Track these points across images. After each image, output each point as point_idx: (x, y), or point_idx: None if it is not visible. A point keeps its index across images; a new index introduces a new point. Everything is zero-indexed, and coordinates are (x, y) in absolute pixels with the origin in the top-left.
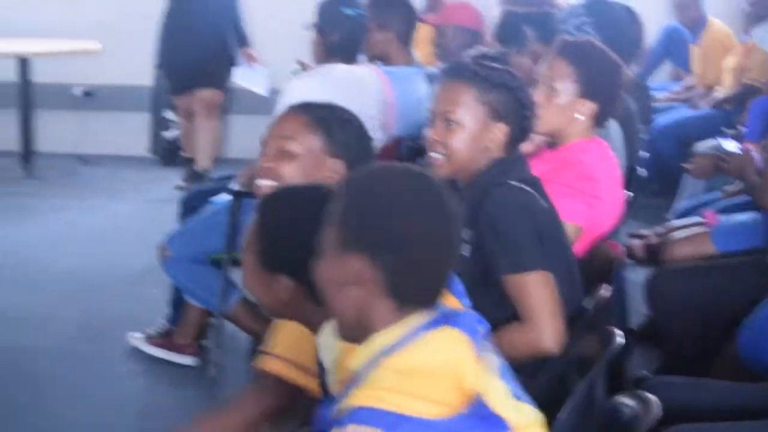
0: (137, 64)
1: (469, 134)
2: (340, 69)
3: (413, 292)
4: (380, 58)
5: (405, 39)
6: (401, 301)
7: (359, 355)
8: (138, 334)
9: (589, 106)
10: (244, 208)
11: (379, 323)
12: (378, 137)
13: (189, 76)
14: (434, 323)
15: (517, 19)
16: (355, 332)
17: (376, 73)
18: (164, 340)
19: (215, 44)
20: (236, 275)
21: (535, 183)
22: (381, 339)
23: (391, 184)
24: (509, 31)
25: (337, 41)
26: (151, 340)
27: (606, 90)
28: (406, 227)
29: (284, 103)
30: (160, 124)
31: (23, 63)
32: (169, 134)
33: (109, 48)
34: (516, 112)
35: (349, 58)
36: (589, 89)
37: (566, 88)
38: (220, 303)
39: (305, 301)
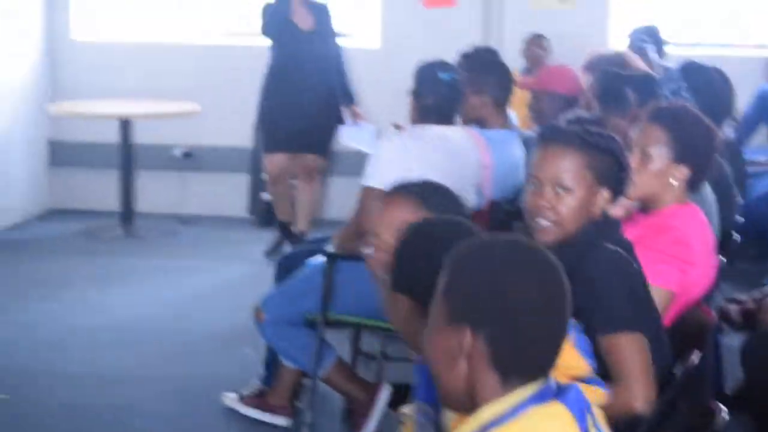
0: (236, 125)
1: (577, 200)
2: (432, 130)
3: (518, 365)
4: (476, 121)
5: (501, 103)
6: (506, 374)
7: (468, 426)
8: (232, 395)
9: (682, 171)
10: (339, 270)
11: (486, 395)
12: (473, 201)
13: (288, 139)
14: (541, 397)
15: (620, 82)
16: (464, 403)
17: (472, 136)
18: (258, 400)
19: (318, 107)
20: (331, 336)
21: (627, 247)
22: (488, 411)
23: (493, 257)
24: (611, 93)
25: (432, 104)
26: (245, 400)
27: (700, 155)
28: (508, 300)
29: (374, 164)
30: (258, 185)
31: (125, 124)
32: (267, 195)
33: (208, 109)
34: (617, 176)
35: (444, 120)
36: (682, 154)
37: (660, 153)
38: (314, 365)
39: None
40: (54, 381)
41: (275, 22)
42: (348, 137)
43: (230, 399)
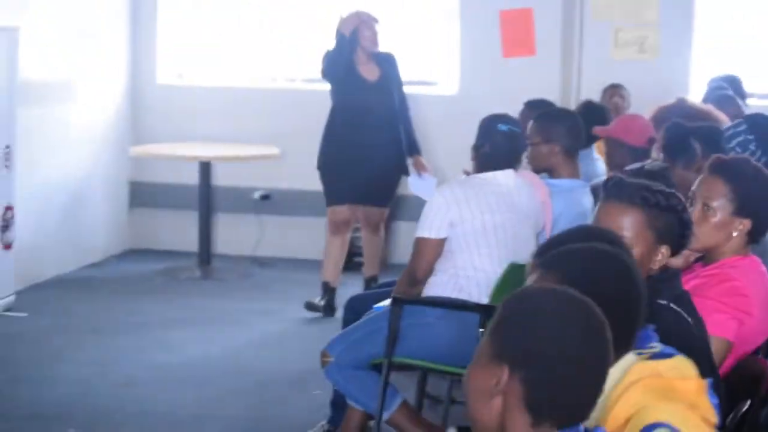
0: (313, 169)
1: (637, 256)
2: (484, 176)
3: (550, 411)
4: (546, 169)
5: (570, 152)
6: (538, 417)
7: None
8: None
9: (744, 224)
10: (404, 314)
11: None
12: (532, 245)
13: (352, 191)
14: None
15: (686, 133)
16: None
17: (528, 179)
18: None
19: (382, 159)
20: (398, 379)
21: (685, 298)
22: None
23: (542, 304)
24: (677, 144)
25: (490, 153)
26: None
27: (761, 207)
28: (548, 347)
29: (425, 214)
30: None
31: (205, 167)
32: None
33: (287, 153)
34: (678, 234)
35: (500, 169)
36: (744, 207)
37: (722, 206)
38: (380, 407)
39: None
40: (126, 419)
41: (337, 69)
42: (414, 187)
43: None
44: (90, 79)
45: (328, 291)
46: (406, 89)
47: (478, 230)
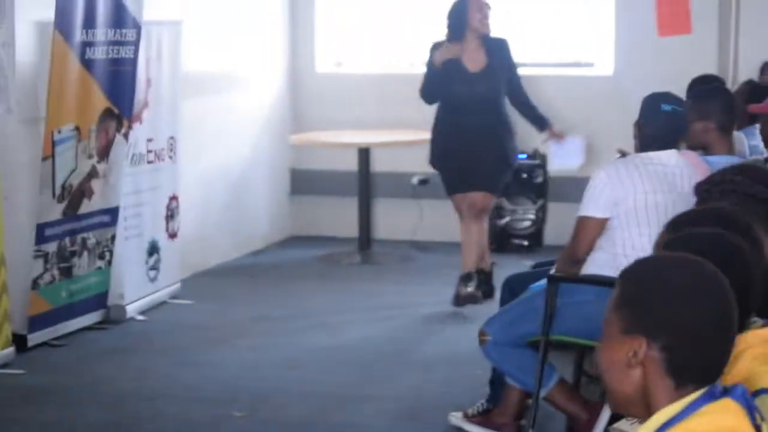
0: None
1: None
2: (647, 156)
3: (692, 373)
4: (701, 147)
5: (725, 129)
6: (681, 380)
7: (645, 429)
8: (458, 413)
9: None
10: (560, 293)
11: (661, 402)
12: None
13: (461, 180)
14: (711, 396)
15: None
16: (638, 409)
17: (690, 159)
18: (484, 418)
19: (485, 146)
20: (555, 357)
21: None
22: (664, 414)
23: (667, 272)
24: None
25: (652, 134)
26: (471, 418)
27: None
28: (681, 312)
29: (588, 193)
30: (494, 211)
31: (363, 153)
32: (502, 221)
33: None
34: None
35: (664, 149)
36: None
37: None
38: (536, 385)
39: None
40: (290, 399)
41: (432, 99)
42: (557, 160)
43: (456, 418)
44: (250, 70)
45: (471, 278)
46: (562, 71)
47: (640, 209)
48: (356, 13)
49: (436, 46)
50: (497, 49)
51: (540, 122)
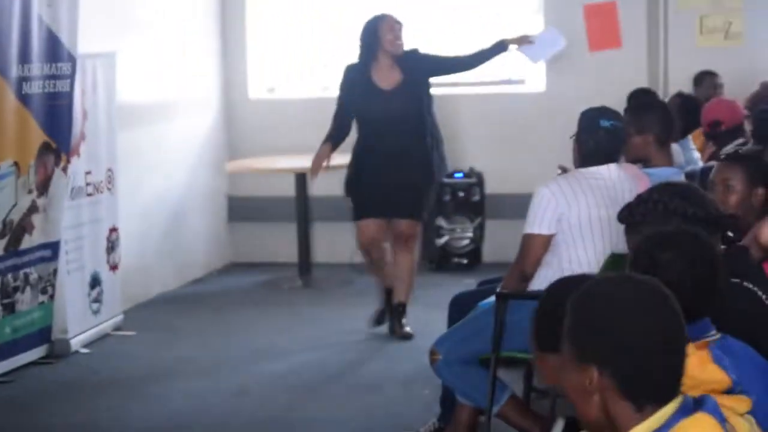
0: None
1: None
2: (588, 171)
3: (647, 393)
4: (640, 160)
5: (663, 141)
6: (638, 402)
7: None
8: None
9: None
10: (509, 310)
11: (625, 424)
12: None
13: (377, 205)
14: (684, 411)
15: None
16: (608, 430)
17: (631, 172)
18: None
19: (408, 169)
20: (504, 374)
21: (758, 273)
22: None
23: (610, 297)
24: (764, 128)
25: (592, 149)
26: None
27: None
28: (624, 337)
29: (533, 211)
30: (432, 231)
31: (300, 178)
32: (441, 241)
33: None
34: None
35: (604, 163)
36: None
37: None
38: (489, 401)
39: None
40: (241, 428)
41: (356, 87)
42: (538, 56)
43: None
44: (184, 99)
45: (388, 293)
46: (494, 89)
47: (584, 224)
48: (287, 39)
49: (349, 69)
50: (411, 62)
51: (497, 50)
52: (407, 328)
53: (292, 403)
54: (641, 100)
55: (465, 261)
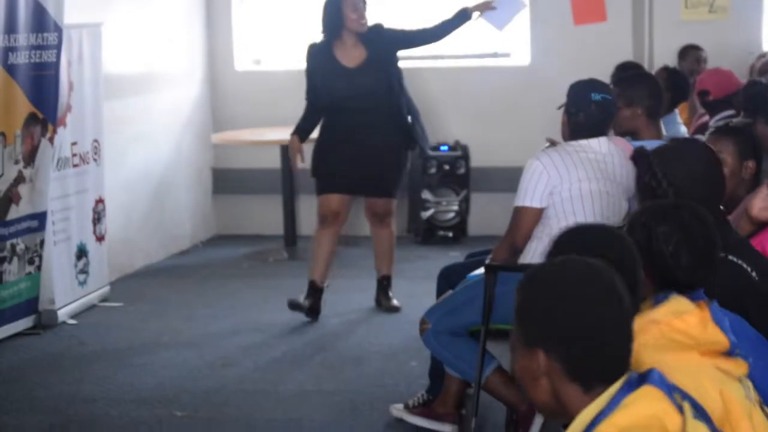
0: None
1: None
2: (579, 144)
3: (595, 374)
4: (629, 133)
5: (652, 114)
6: (586, 383)
7: (573, 429)
8: (399, 405)
9: None
10: (499, 282)
11: (574, 406)
12: (625, 208)
13: (348, 182)
14: (629, 387)
15: (764, 90)
16: (557, 411)
17: (620, 145)
18: (425, 409)
19: (379, 148)
20: (493, 347)
21: (743, 245)
22: (585, 416)
23: (553, 281)
24: (754, 101)
25: (583, 122)
26: (412, 410)
27: None
28: (568, 321)
29: (524, 184)
30: (418, 204)
31: (286, 150)
32: (427, 214)
33: None
34: None
35: (593, 137)
36: None
37: None
38: (478, 374)
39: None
40: (228, 398)
41: (320, 66)
42: (501, 22)
43: (398, 410)
44: (170, 70)
45: (314, 291)
46: (479, 62)
47: (575, 197)
48: (273, 10)
49: (312, 48)
50: (375, 37)
51: (460, 19)
52: (394, 301)
53: (279, 375)
54: (630, 72)
55: (450, 234)
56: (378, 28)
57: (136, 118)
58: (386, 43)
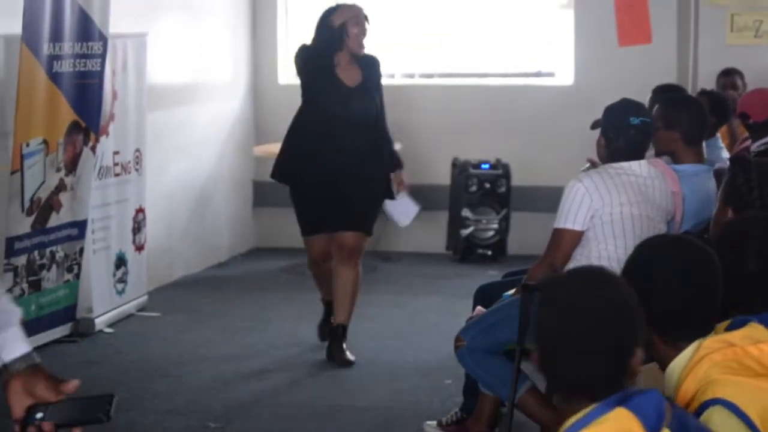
0: (437, 164)
1: None
2: (621, 166)
3: (571, 386)
4: (668, 153)
5: (692, 139)
6: (565, 394)
7: None
8: (432, 422)
9: None
10: (535, 302)
11: (562, 413)
12: (661, 229)
13: (327, 218)
14: (607, 405)
15: None
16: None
17: (660, 167)
18: (458, 427)
19: (361, 176)
20: (526, 366)
21: None
22: (564, 426)
23: (553, 290)
24: None
25: (623, 147)
26: (445, 427)
27: None
28: (556, 331)
29: (565, 205)
30: (457, 221)
31: None
32: (466, 231)
33: (407, 148)
34: None
35: (633, 159)
36: None
37: None
38: (512, 392)
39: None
40: (263, 411)
41: (323, 64)
42: (389, 207)
43: (431, 427)
44: (214, 82)
45: (328, 304)
46: (524, 80)
47: (616, 221)
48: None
49: (302, 49)
50: (370, 67)
51: (392, 160)
52: (348, 354)
53: (313, 389)
54: (676, 95)
55: (489, 252)
56: (375, 59)
57: (179, 129)
58: (375, 78)
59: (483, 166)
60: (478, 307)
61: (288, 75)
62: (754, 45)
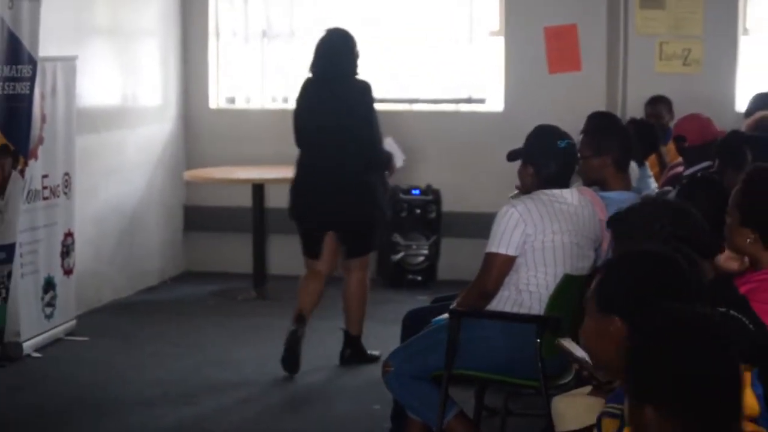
0: None
1: None
2: (552, 194)
3: None
4: (597, 182)
5: (621, 165)
6: None
7: None
8: None
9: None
10: (463, 327)
11: None
12: (591, 259)
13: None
14: None
15: (739, 140)
16: None
17: (588, 196)
18: None
19: (352, 199)
20: (456, 392)
21: (742, 302)
22: None
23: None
24: (729, 150)
25: (553, 172)
26: None
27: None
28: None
29: (497, 231)
30: (388, 247)
31: (258, 189)
32: (396, 257)
33: None
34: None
35: (563, 185)
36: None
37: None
38: (440, 418)
39: None
40: None
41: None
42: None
43: None
44: (144, 106)
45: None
46: (454, 107)
47: (547, 249)
48: (248, 49)
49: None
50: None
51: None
52: (369, 352)
53: (242, 415)
54: (602, 121)
55: (419, 278)
56: (366, 85)
57: (109, 153)
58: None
59: (414, 191)
60: None
61: (218, 100)
62: (682, 73)
